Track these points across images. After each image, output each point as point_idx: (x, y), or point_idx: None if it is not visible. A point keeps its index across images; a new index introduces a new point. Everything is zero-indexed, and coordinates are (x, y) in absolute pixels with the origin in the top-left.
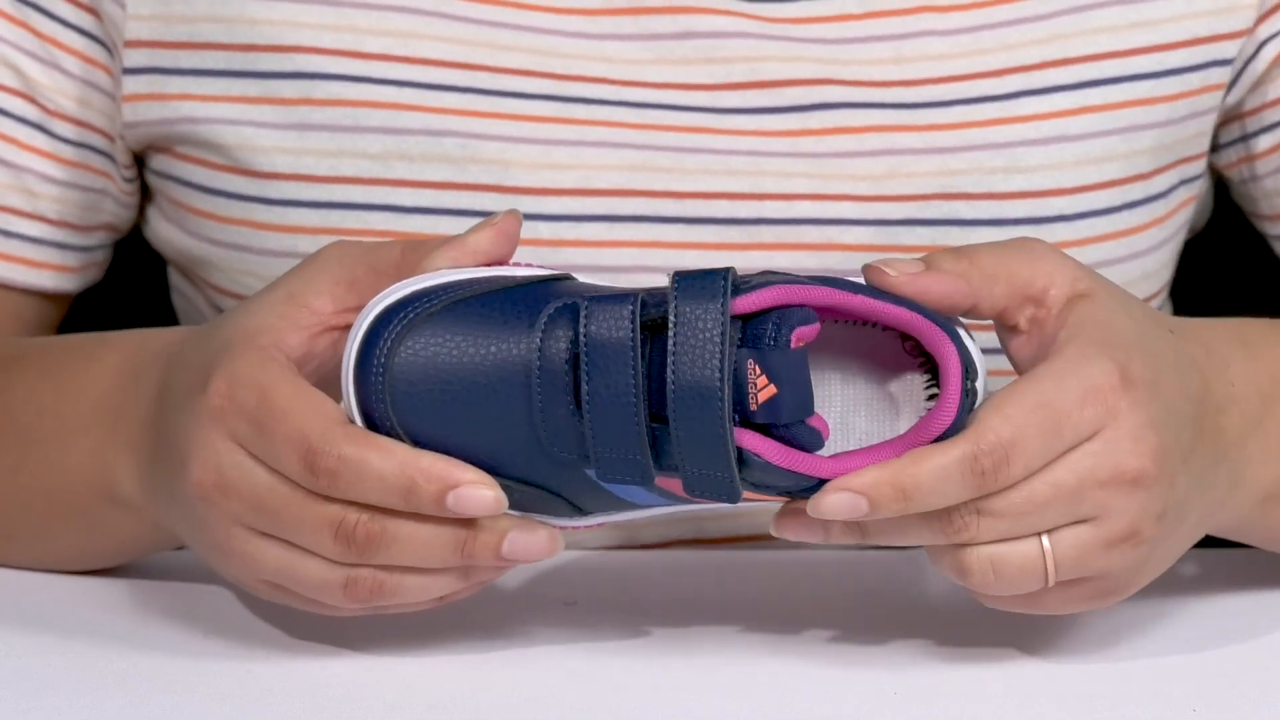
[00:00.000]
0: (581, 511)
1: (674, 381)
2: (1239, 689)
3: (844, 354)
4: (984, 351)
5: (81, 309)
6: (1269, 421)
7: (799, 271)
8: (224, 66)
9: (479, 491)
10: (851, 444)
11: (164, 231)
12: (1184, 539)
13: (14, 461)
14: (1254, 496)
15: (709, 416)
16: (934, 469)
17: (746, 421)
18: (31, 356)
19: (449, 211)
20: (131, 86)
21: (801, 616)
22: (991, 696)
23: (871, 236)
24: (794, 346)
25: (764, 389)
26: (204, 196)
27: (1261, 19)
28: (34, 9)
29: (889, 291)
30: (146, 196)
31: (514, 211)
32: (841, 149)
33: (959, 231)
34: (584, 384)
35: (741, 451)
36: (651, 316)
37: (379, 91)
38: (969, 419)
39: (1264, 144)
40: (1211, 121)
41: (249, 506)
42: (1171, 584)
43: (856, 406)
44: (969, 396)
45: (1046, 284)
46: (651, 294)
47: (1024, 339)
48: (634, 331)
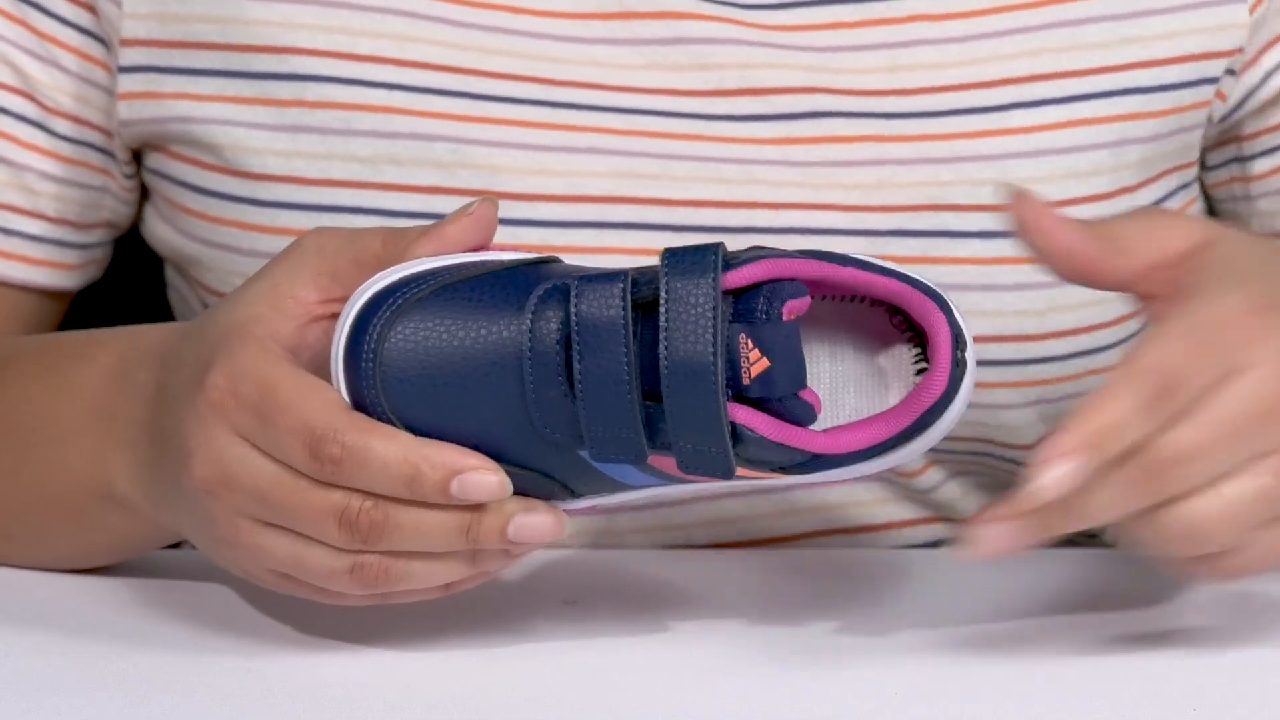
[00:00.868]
0: (574, 494)
1: (667, 358)
2: (1239, 689)
3: (832, 330)
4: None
5: (81, 306)
6: None
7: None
8: (219, 66)
9: (483, 477)
10: (841, 420)
11: (159, 230)
12: None
13: (11, 464)
14: None
15: (703, 392)
16: (1105, 400)
17: (740, 396)
18: (24, 357)
19: (438, 216)
20: (127, 85)
21: (802, 616)
22: (991, 696)
23: (861, 246)
24: (786, 319)
25: (757, 363)
26: (196, 196)
27: (1267, 47)
28: (32, 6)
29: (1025, 223)
30: (145, 195)
31: (490, 199)
32: (832, 158)
33: (947, 242)
34: (576, 364)
35: (735, 426)
36: (643, 295)
37: (370, 94)
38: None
39: (1261, 167)
40: (1199, 137)
41: (253, 498)
42: (1171, 584)
43: (845, 382)
44: (959, 367)
45: (1165, 245)
46: (642, 272)
47: (1161, 302)
48: (625, 310)
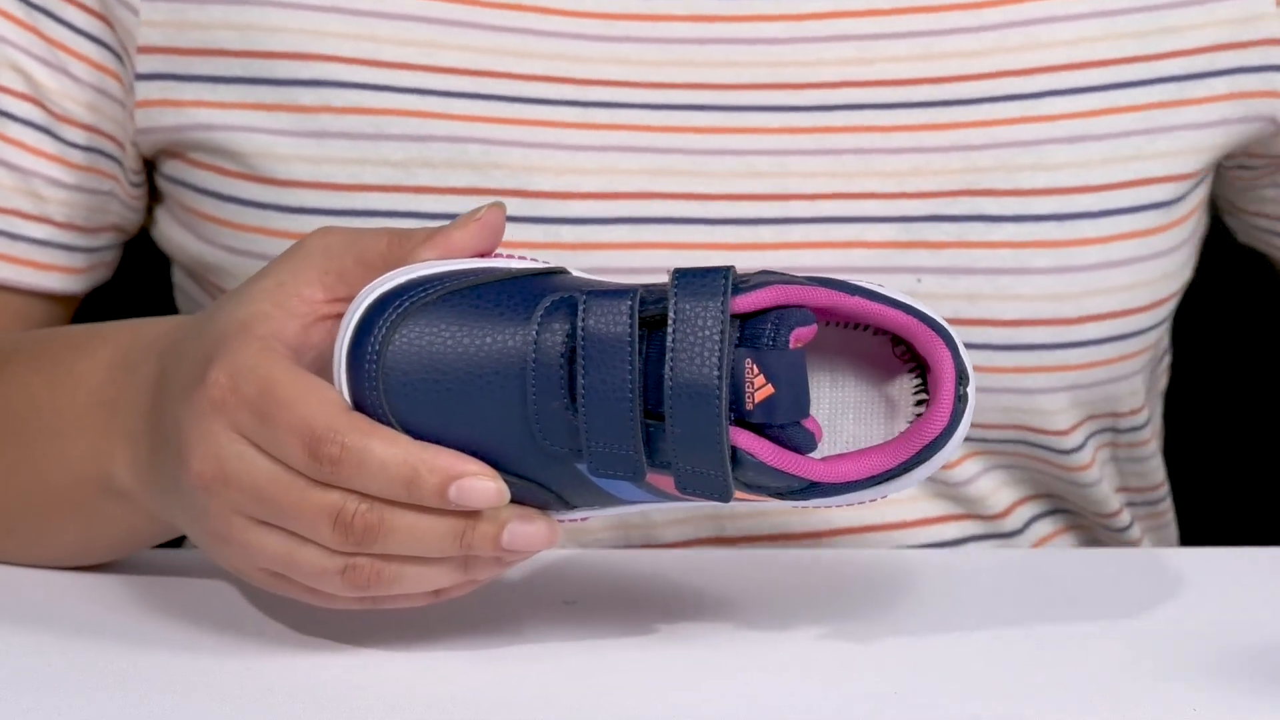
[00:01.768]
0: (568, 505)
1: (671, 379)
2: (1239, 689)
3: (834, 356)
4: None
5: (85, 307)
6: None
7: (822, 270)
8: (239, 73)
9: (482, 483)
10: (839, 446)
11: (175, 236)
12: None
13: (13, 459)
14: None
15: (705, 415)
16: None
17: (741, 421)
18: (26, 351)
19: None
20: (144, 92)
21: (802, 616)
22: (991, 697)
23: (896, 233)
24: (792, 347)
25: (761, 389)
26: (217, 203)
27: None
28: (43, 14)
29: None
30: (155, 199)
31: (498, 204)
32: (866, 146)
33: (983, 227)
34: (580, 378)
35: (736, 450)
36: (650, 313)
37: (400, 100)
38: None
39: None
40: (1246, 131)
41: (249, 496)
42: (1170, 584)
43: (845, 409)
44: (961, 402)
45: None
46: (650, 290)
47: None
48: (632, 327)
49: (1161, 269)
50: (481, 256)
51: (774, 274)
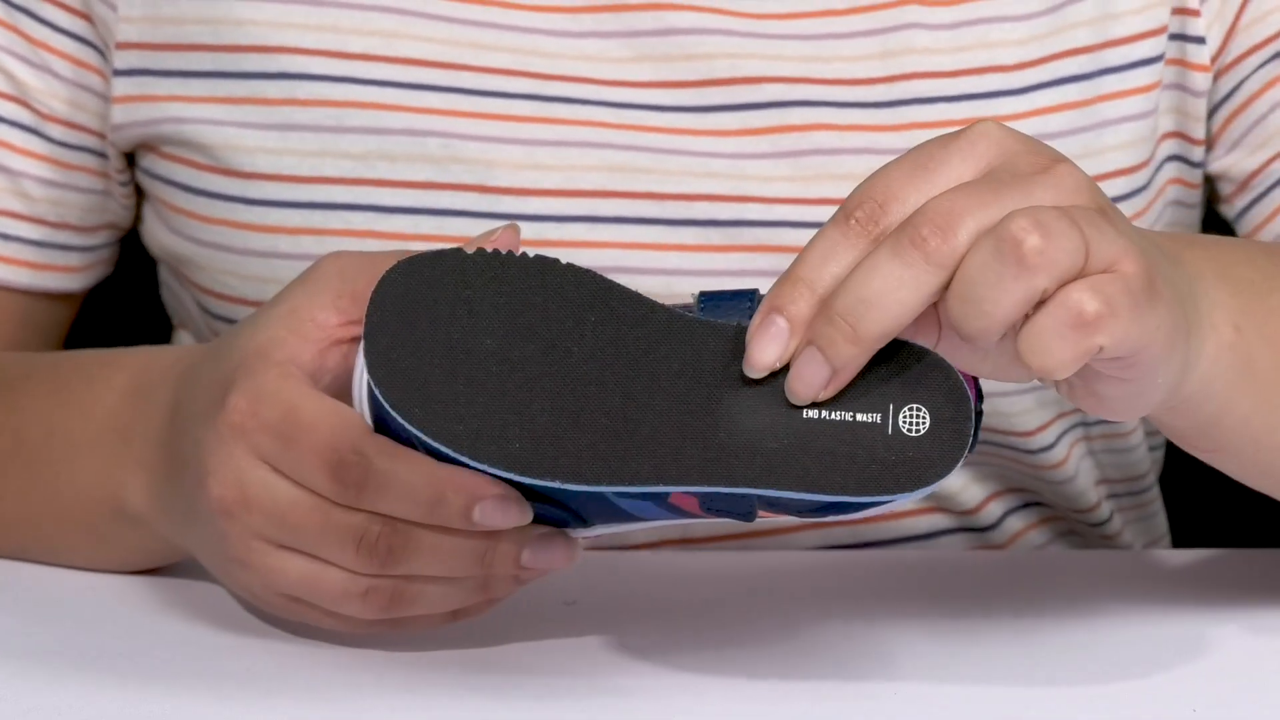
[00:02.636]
0: (585, 523)
1: None
2: (1239, 689)
3: None
4: None
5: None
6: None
7: (777, 272)
8: (209, 67)
9: (505, 504)
10: None
11: (154, 231)
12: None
13: (25, 482)
14: (1217, 342)
15: None
16: (812, 243)
17: None
18: (38, 375)
19: (431, 211)
20: (121, 88)
21: (801, 616)
22: (991, 697)
23: None
24: None
25: None
26: (188, 196)
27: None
28: (24, 14)
29: None
30: (142, 196)
31: (513, 225)
32: (823, 146)
33: None
34: None
35: None
36: None
37: (362, 91)
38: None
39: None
40: (1199, 106)
41: (271, 520)
42: (1170, 584)
43: None
44: (979, 419)
45: None
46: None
47: None
48: None
49: None
50: None
51: None
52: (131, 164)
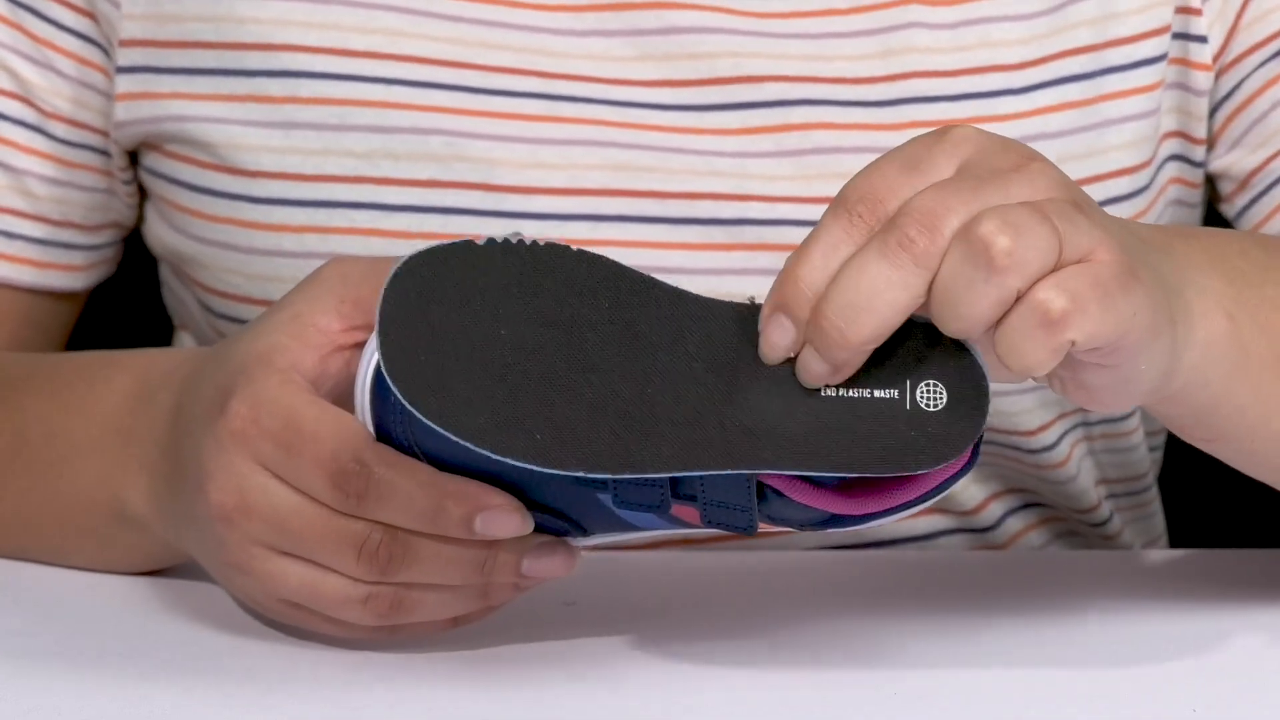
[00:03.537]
0: (586, 533)
1: None
2: (1239, 689)
3: None
4: None
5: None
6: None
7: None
8: (212, 65)
9: (506, 515)
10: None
11: (156, 230)
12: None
13: (26, 483)
14: (1204, 334)
15: None
16: (812, 239)
17: None
18: (41, 375)
19: (435, 209)
20: (125, 85)
21: (802, 617)
22: (991, 697)
23: None
24: None
25: None
26: (191, 194)
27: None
28: (28, 12)
29: None
30: (144, 195)
31: (517, 233)
32: (825, 145)
33: None
34: None
35: (761, 486)
36: None
37: (365, 90)
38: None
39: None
40: (1201, 105)
41: (272, 527)
42: (1170, 584)
43: None
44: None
45: None
46: None
47: None
48: None
49: None
50: None
51: None
52: (135, 162)
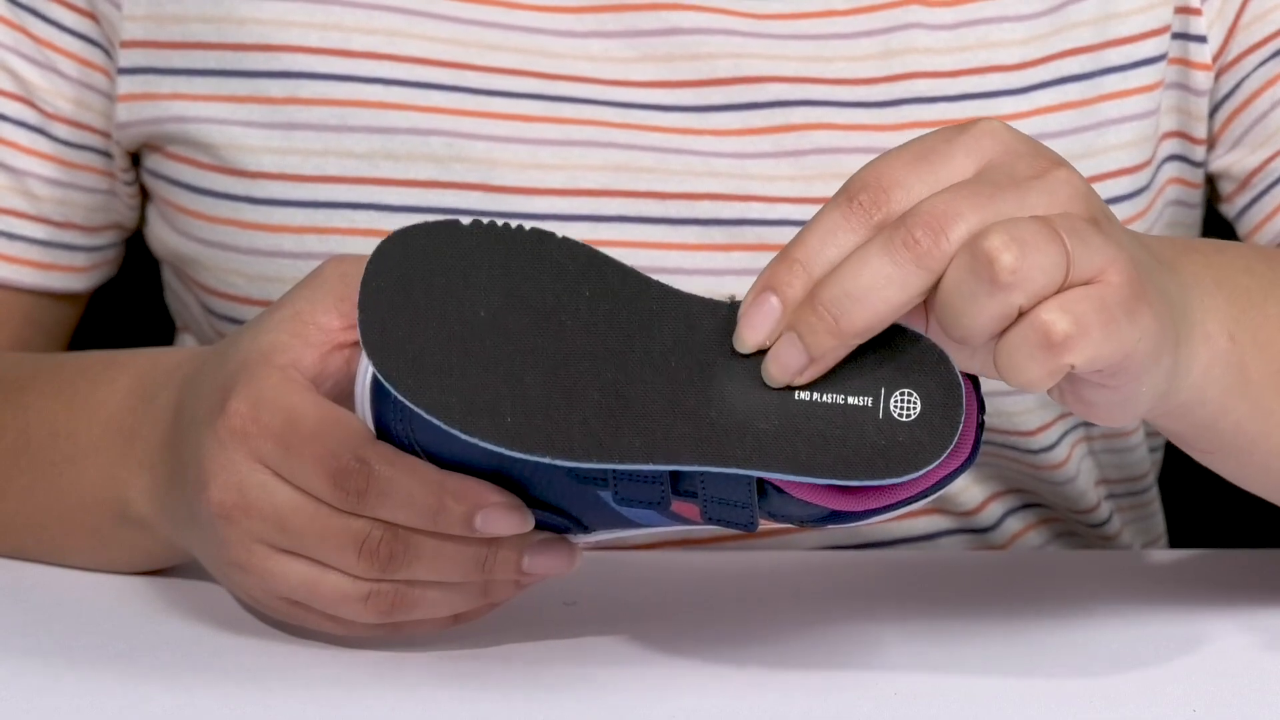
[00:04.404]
0: (587, 530)
1: None
2: (1239, 689)
3: None
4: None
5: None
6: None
7: None
8: (213, 66)
9: (507, 512)
10: None
11: (158, 232)
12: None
13: (29, 483)
14: (1209, 354)
15: None
16: (811, 223)
17: None
18: (43, 376)
19: (435, 210)
20: (126, 86)
21: (802, 617)
22: (991, 697)
23: None
24: None
25: None
26: (192, 196)
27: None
28: (30, 13)
29: None
30: (147, 197)
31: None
32: (825, 146)
33: None
34: None
35: (762, 482)
36: None
37: (365, 90)
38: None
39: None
40: (1201, 105)
41: (272, 525)
42: (1169, 584)
43: None
44: (981, 430)
45: None
46: None
47: None
48: None
49: None
50: None
51: None
52: (136, 164)
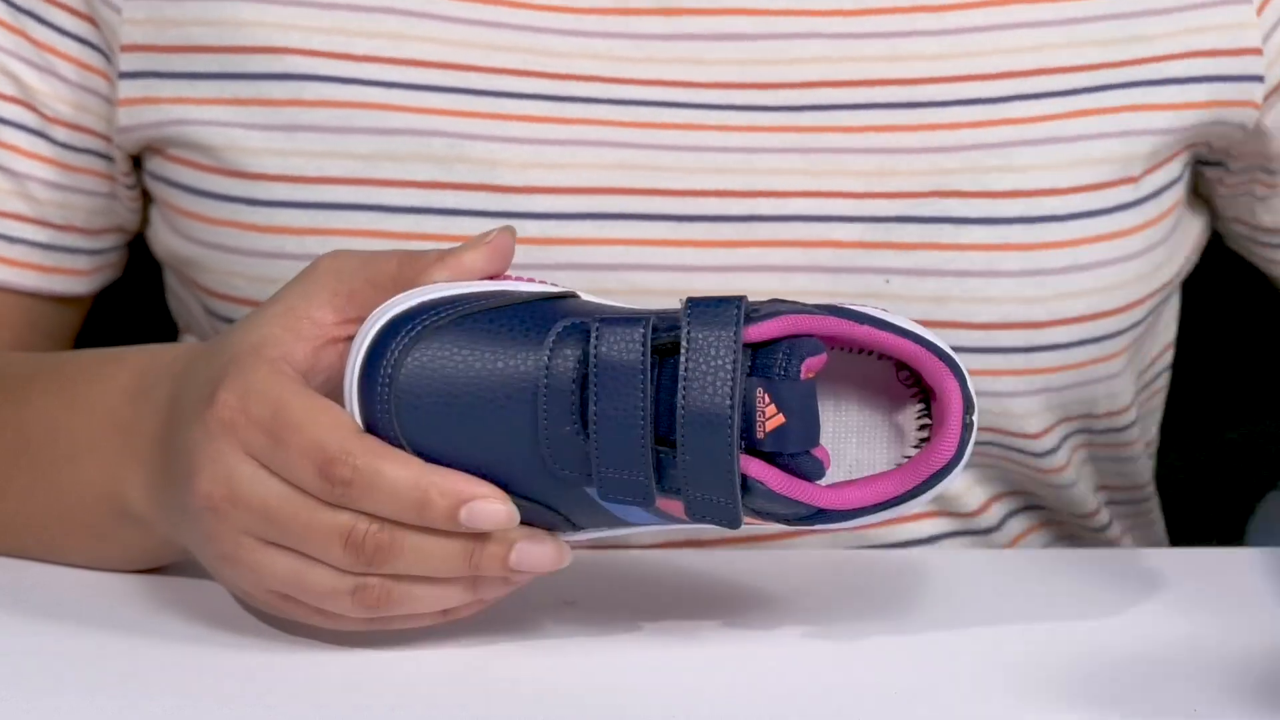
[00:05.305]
0: (576, 527)
1: (684, 406)
2: (1239, 689)
3: (838, 380)
4: None
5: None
6: None
7: (788, 269)
8: (214, 69)
9: (492, 506)
10: (842, 470)
11: (160, 234)
12: None
13: (28, 481)
14: None
15: (718, 443)
16: None
17: (752, 449)
18: (43, 374)
19: (436, 211)
20: (127, 91)
21: (802, 617)
22: (991, 697)
23: (863, 233)
24: (803, 377)
25: (772, 418)
26: (193, 198)
27: None
28: (30, 17)
29: None
30: (148, 200)
31: (508, 228)
32: (835, 145)
33: (951, 229)
34: (592, 405)
35: (745, 479)
36: (661, 340)
37: (367, 93)
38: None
39: None
40: (1214, 133)
41: (259, 517)
42: (1170, 584)
43: (848, 433)
44: (967, 430)
45: None
46: (662, 317)
47: None
48: (645, 354)
49: (1135, 271)
50: (492, 279)
51: (785, 303)
52: (138, 167)
